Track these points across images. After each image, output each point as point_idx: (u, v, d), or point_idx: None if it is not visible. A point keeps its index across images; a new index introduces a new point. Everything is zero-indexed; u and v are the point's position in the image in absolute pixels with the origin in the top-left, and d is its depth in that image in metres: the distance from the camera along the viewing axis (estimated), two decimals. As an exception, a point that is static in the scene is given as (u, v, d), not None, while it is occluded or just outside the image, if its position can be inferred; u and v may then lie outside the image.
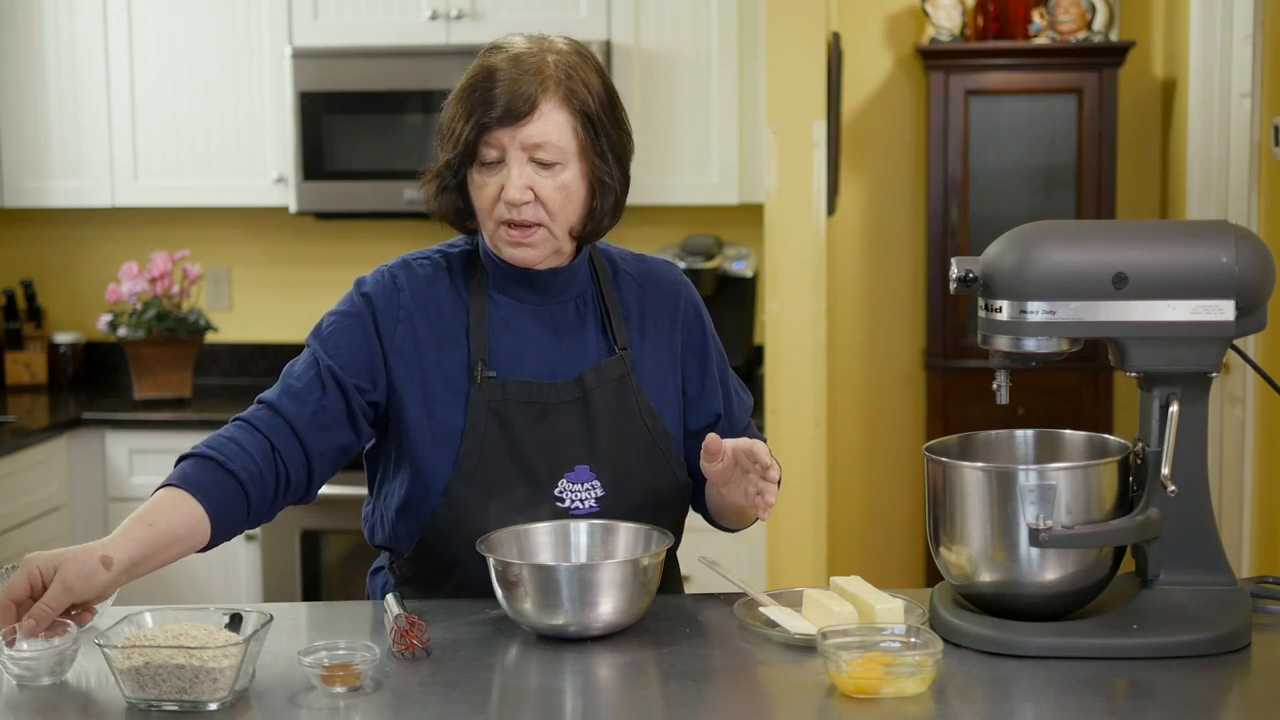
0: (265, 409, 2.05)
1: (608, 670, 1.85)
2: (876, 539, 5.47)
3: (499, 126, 2.00)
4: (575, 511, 2.07)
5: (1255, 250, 1.87)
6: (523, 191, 2.01)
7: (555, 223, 2.04)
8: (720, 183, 4.37)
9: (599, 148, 2.05)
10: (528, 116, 1.99)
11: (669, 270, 2.24)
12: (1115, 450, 1.96)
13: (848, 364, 5.39)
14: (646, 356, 2.16)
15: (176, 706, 1.70)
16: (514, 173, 2.01)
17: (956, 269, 1.93)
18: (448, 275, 2.13)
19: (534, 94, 1.99)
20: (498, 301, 2.12)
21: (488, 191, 2.03)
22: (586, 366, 2.11)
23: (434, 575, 2.13)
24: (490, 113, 1.99)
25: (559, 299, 2.13)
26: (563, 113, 2.01)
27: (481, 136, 2.01)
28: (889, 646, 1.77)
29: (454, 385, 2.08)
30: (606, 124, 2.05)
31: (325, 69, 4.41)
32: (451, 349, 2.09)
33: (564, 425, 2.08)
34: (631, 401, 2.12)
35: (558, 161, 2.02)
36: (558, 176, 2.02)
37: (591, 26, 4.34)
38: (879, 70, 5.34)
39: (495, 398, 2.07)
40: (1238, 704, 1.80)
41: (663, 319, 2.18)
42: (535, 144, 2.00)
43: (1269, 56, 3.90)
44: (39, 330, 4.88)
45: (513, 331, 2.11)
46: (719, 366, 2.22)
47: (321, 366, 2.06)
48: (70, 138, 4.60)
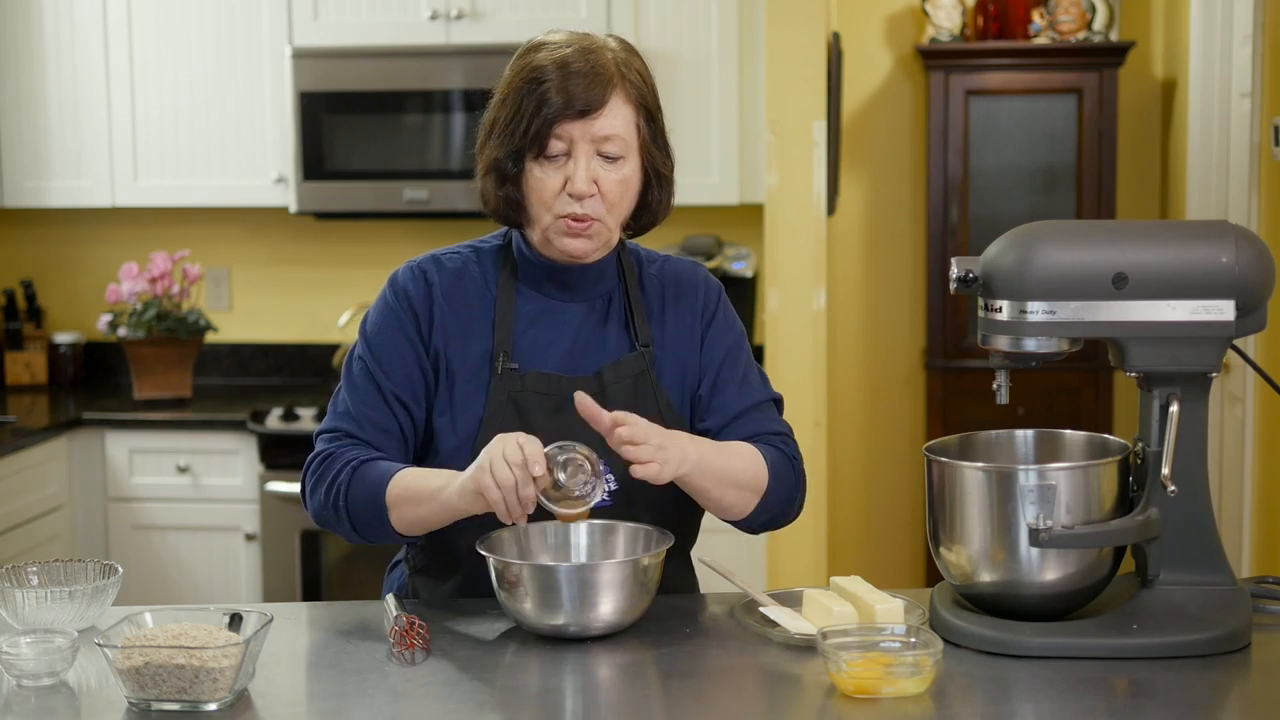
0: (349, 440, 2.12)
1: (608, 670, 1.85)
2: (876, 539, 5.47)
3: (570, 119, 2.02)
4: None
5: (1255, 250, 1.87)
6: (589, 184, 2.03)
7: (611, 215, 2.07)
8: (720, 183, 4.37)
9: (659, 141, 2.10)
10: (600, 110, 2.03)
11: (693, 270, 2.24)
12: (1115, 450, 1.96)
13: (848, 364, 5.39)
14: (668, 354, 2.16)
15: (176, 706, 1.70)
16: (581, 165, 2.03)
17: (956, 269, 1.93)
18: (477, 269, 2.16)
19: (605, 87, 2.03)
20: (526, 296, 2.14)
21: (550, 183, 2.05)
22: (606, 362, 2.12)
23: (446, 563, 2.14)
24: (562, 106, 2.02)
25: (587, 296, 2.15)
26: (628, 107, 2.06)
27: (551, 129, 2.03)
28: (889, 646, 1.77)
29: (476, 376, 2.10)
30: (659, 116, 2.11)
31: (325, 69, 4.41)
32: (477, 341, 2.11)
33: (581, 419, 2.08)
34: (650, 397, 2.12)
35: (622, 155, 2.05)
36: (620, 170, 2.06)
37: (591, 26, 4.30)
38: (879, 70, 5.34)
39: (515, 389, 2.09)
40: (1238, 704, 1.80)
41: (685, 316, 2.19)
42: (604, 137, 2.03)
43: (1269, 56, 3.90)
44: (39, 330, 4.88)
45: (538, 326, 2.13)
46: (733, 352, 2.19)
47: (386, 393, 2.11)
48: (70, 138, 4.60)
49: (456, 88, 4.35)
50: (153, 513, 4.34)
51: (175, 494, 4.33)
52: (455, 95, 4.35)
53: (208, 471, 4.31)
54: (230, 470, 4.30)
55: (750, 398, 2.18)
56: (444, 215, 4.39)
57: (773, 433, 2.17)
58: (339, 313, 4.68)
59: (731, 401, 2.16)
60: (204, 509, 4.32)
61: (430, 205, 4.38)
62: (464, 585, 2.14)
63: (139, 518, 4.34)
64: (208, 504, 4.31)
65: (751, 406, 2.17)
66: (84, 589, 1.97)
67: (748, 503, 2.10)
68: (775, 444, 2.16)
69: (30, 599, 1.95)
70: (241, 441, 4.29)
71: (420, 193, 4.38)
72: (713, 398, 2.17)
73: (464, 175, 4.36)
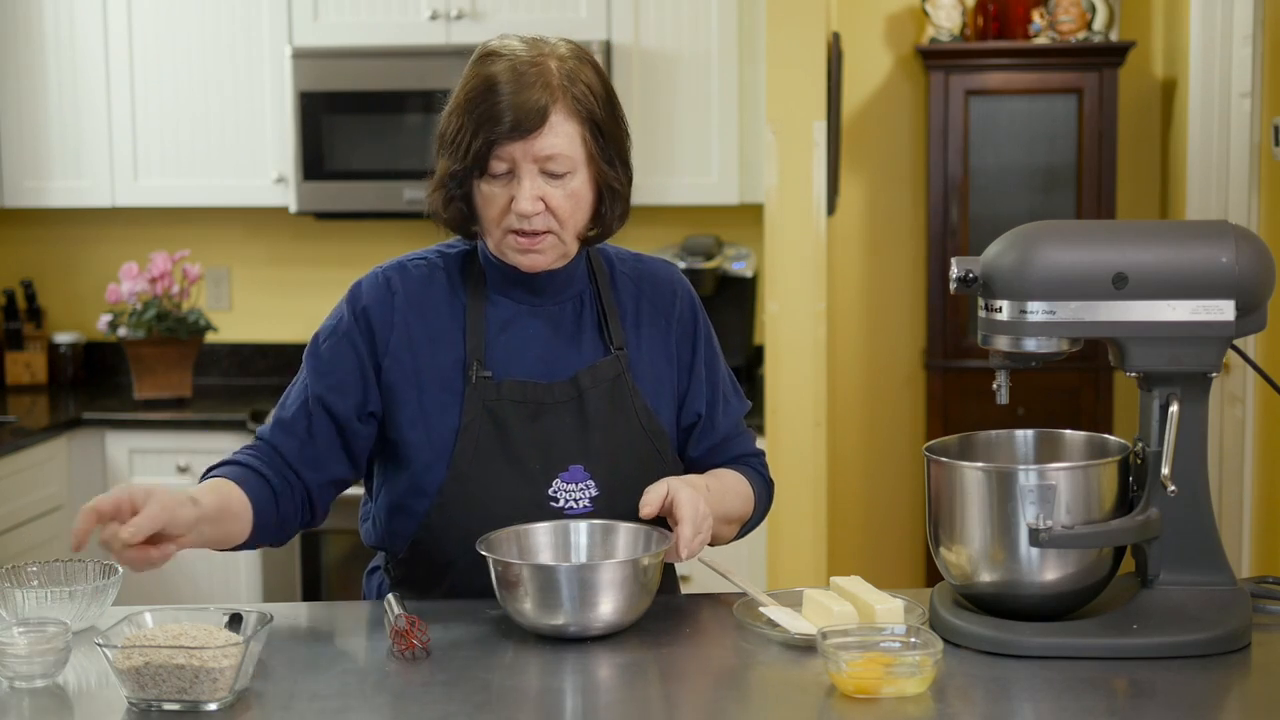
0: (262, 444, 2.10)
1: (608, 670, 1.85)
2: (876, 539, 5.47)
3: (510, 140, 1.98)
4: (569, 511, 2.07)
5: (1255, 250, 1.87)
6: (534, 203, 2.00)
7: (565, 229, 2.04)
8: (720, 183, 4.37)
9: (607, 154, 2.05)
10: (539, 129, 1.98)
11: (666, 270, 2.23)
12: (1115, 450, 1.96)
13: (848, 364, 5.39)
14: (643, 356, 2.15)
15: (176, 706, 1.70)
16: (525, 185, 2.00)
17: (956, 269, 1.93)
18: (444, 276, 2.13)
19: (544, 106, 1.98)
20: (495, 302, 2.12)
21: (496, 202, 2.03)
22: (582, 366, 2.11)
23: (428, 576, 2.12)
24: (499, 126, 1.97)
25: (557, 300, 2.13)
26: (572, 123, 2.00)
27: (492, 150, 1.99)
28: (889, 646, 1.77)
29: (449, 385, 2.08)
30: (610, 127, 2.05)
31: (325, 69, 4.41)
32: (447, 349, 2.09)
33: (559, 425, 2.08)
34: (627, 401, 2.12)
35: (568, 171, 2.02)
36: (567, 185, 2.02)
37: (591, 26, 4.34)
38: (879, 70, 5.34)
39: (490, 398, 2.07)
40: (1238, 704, 1.80)
41: (659, 318, 2.18)
42: (547, 156, 1.99)
43: (1269, 56, 3.90)
44: (39, 330, 4.88)
45: (509, 332, 2.11)
46: (709, 367, 2.21)
47: (310, 396, 2.09)
48: (70, 138, 4.60)
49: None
50: (153, 513, 4.33)
51: (175, 494, 4.32)
52: (455, 95, 4.34)
53: (208, 471, 4.30)
54: (230, 470, 4.30)
55: (732, 418, 2.23)
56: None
57: (750, 453, 2.25)
58: (339, 313, 4.67)
59: (720, 425, 2.21)
60: (204, 509, 4.31)
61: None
62: (448, 596, 2.12)
63: (139, 518, 4.34)
64: (208, 504, 4.31)
65: (734, 427, 2.23)
66: (84, 589, 1.97)
67: (730, 534, 2.19)
68: (755, 466, 2.25)
69: (30, 599, 1.95)
70: (241, 441, 4.25)
71: (420, 193, 4.33)
72: (705, 422, 2.19)
73: (464, 175, 4.36)
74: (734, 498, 2.15)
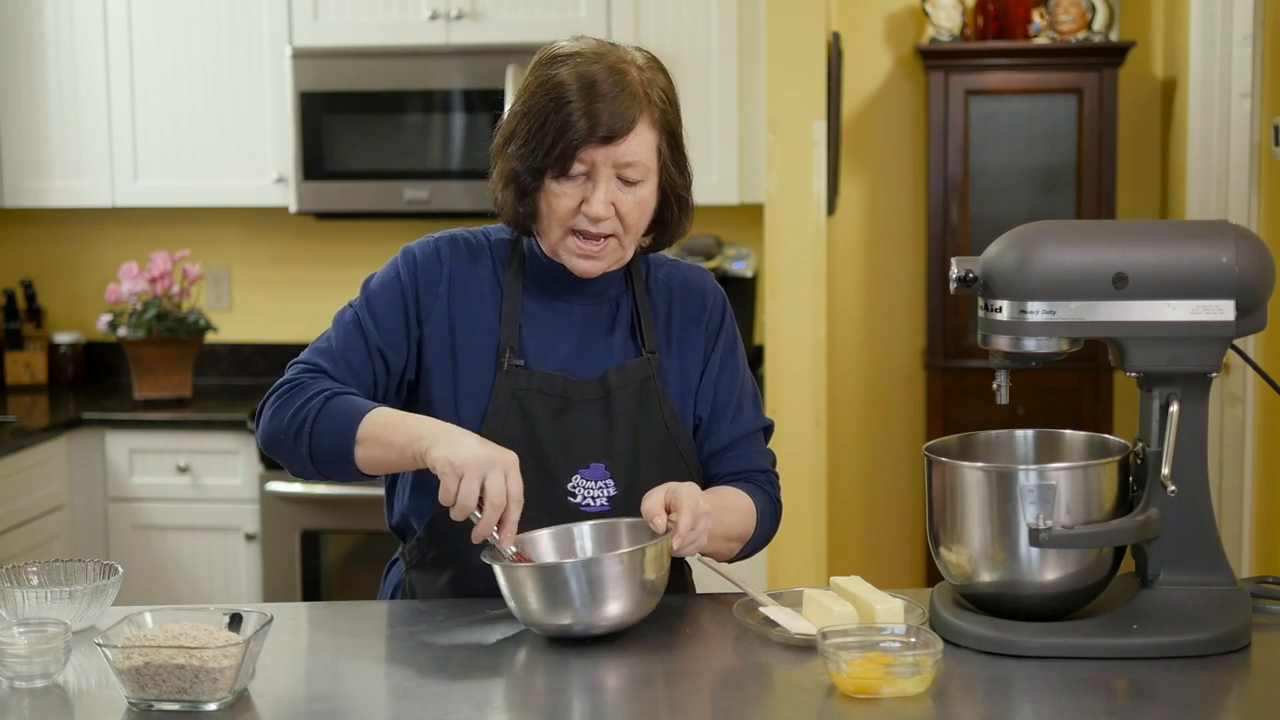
0: (322, 375, 2.08)
1: (608, 670, 1.84)
2: (876, 539, 5.47)
3: (595, 145, 1.99)
4: (586, 509, 2.07)
5: (1255, 250, 1.87)
6: (607, 208, 2.02)
7: (628, 234, 2.06)
8: (720, 183, 4.37)
9: (679, 162, 2.08)
10: (625, 136, 2.00)
11: (701, 276, 2.24)
12: (1115, 450, 1.96)
13: (848, 364, 5.39)
14: (673, 361, 2.16)
15: (176, 706, 1.70)
16: (601, 189, 2.02)
17: (956, 269, 1.93)
18: (490, 258, 2.15)
19: (634, 114, 2.00)
20: (532, 294, 2.13)
21: (565, 202, 2.03)
22: (612, 366, 2.12)
23: (442, 558, 2.13)
24: (590, 131, 1.98)
25: (594, 300, 2.15)
26: (652, 132, 2.03)
27: (575, 153, 2.00)
28: (889, 646, 1.77)
29: (481, 368, 2.09)
30: (680, 137, 2.08)
31: (325, 69, 4.41)
32: (484, 331, 2.11)
33: (584, 422, 2.09)
34: (654, 404, 2.12)
35: (641, 179, 2.04)
36: (638, 192, 2.04)
37: (591, 27, 4.33)
38: (879, 70, 5.34)
39: (520, 386, 2.08)
40: (1238, 704, 1.80)
41: (690, 324, 2.18)
42: (626, 163, 2.01)
43: (1269, 56, 3.90)
44: (39, 330, 4.88)
45: (543, 324, 2.12)
46: (723, 372, 2.19)
47: (371, 344, 2.09)
48: (70, 138, 4.60)
49: (456, 88, 4.34)
50: (153, 513, 4.34)
51: (175, 494, 4.33)
52: (455, 95, 4.35)
53: (208, 471, 4.31)
54: (230, 470, 4.30)
55: (741, 428, 2.20)
56: (444, 215, 4.39)
57: (759, 469, 2.21)
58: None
59: (724, 431, 2.18)
60: (204, 509, 4.32)
61: (430, 205, 4.38)
62: (459, 578, 2.12)
63: (139, 518, 4.34)
64: (208, 504, 4.32)
65: (742, 438, 2.20)
66: (84, 589, 1.97)
67: (731, 551, 2.15)
68: (761, 484, 2.20)
69: (30, 599, 1.95)
70: (241, 441, 4.29)
71: (420, 193, 4.38)
72: (708, 425, 2.18)
73: (464, 175, 4.36)
74: (733, 514, 2.11)
